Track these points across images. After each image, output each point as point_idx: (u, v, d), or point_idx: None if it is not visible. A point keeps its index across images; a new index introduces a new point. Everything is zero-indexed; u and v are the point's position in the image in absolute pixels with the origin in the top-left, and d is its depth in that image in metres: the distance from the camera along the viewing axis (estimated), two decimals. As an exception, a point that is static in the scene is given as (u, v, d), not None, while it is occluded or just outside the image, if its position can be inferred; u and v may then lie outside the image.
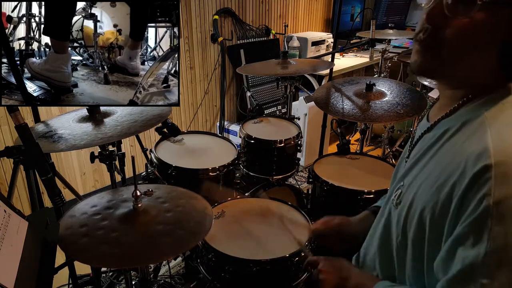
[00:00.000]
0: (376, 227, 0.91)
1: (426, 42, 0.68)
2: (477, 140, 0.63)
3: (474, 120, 0.66)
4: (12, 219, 0.78)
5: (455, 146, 0.67)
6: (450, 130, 0.70)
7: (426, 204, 0.68)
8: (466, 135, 0.66)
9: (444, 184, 0.64)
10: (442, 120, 0.74)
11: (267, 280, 1.14)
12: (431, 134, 0.76)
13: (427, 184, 0.69)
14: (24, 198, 2.30)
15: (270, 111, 3.46)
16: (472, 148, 0.62)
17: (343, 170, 1.71)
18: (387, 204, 0.86)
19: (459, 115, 0.71)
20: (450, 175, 0.64)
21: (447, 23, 0.65)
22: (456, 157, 0.64)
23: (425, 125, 0.80)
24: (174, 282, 1.98)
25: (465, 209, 0.59)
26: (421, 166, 0.75)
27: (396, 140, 3.32)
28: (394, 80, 1.93)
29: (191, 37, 2.98)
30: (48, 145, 1.18)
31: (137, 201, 1.00)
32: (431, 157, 0.72)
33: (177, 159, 1.61)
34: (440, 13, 0.65)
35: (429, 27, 0.67)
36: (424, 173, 0.72)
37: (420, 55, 0.70)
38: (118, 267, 1.51)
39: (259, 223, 1.31)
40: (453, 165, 0.64)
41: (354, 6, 4.38)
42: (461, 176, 0.61)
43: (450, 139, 0.69)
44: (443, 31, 0.66)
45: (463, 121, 0.68)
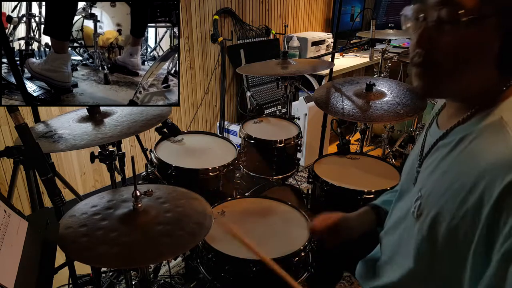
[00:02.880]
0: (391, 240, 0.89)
1: (422, 66, 0.69)
2: (501, 146, 0.61)
3: (492, 125, 0.65)
4: (12, 219, 0.78)
5: (476, 153, 0.65)
6: (468, 137, 0.68)
7: (450, 213, 0.65)
8: (487, 142, 0.64)
9: (470, 194, 0.62)
10: (456, 127, 0.72)
11: (267, 280, 1.14)
12: (446, 142, 0.74)
13: (450, 194, 0.67)
14: (24, 198, 2.30)
15: (270, 111, 3.46)
16: (497, 154, 0.60)
17: (343, 170, 1.71)
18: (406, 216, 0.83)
19: (474, 122, 0.69)
20: (476, 183, 0.61)
21: (437, 44, 0.66)
22: (479, 165, 0.62)
23: (437, 132, 0.78)
24: (174, 282, 1.98)
25: (503, 221, 0.57)
26: (439, 174, 0.72)
27: (396, 140, 3.32)
28: (394, 80, 1.94)
29: (191, 37, 2.98)
30: (48, 145, 1.18)
31: (137, 201, 1.00)
32: (450, 165, 0.70)
33: (177, 159, 1.61)
34: (429, 36, 0.66)
35: (421, 51, 0.68)
36: (445, 182, 0.69)
37: (420, 79, 0.71)
38: (118, 267, 1.51)
39: (259, 223, 1.31)
40: (478, 173, 0.62)
41: (354, 6, 4.38)
42: (491, 185, 0.59)
43: (469, 146, 0.67)
44: (435, 53, 0.66)
45: (481, 127, 0.66)
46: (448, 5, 0.63)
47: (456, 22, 0.61)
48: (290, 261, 1.13)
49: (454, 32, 0.63)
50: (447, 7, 0.63)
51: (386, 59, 3.12)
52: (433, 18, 0.65)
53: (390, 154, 3.14)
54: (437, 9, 0.64)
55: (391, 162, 2.13)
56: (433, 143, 0.78)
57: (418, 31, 0.68)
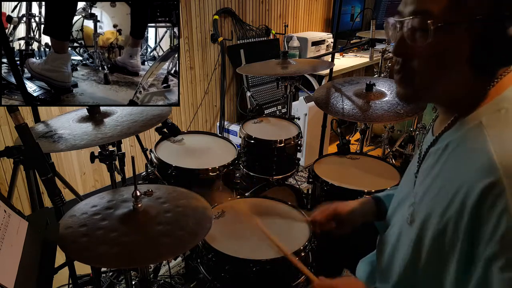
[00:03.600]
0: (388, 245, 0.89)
1: (401, 73, 0.73)
2: (479, 152, 0.62)
3: (473, 131, 0.67)
4: (12, 219, 0.78)
5: (460, 159, 0.67)
6: (452, 143, 0.70)
7: (440, 221, 0.67)
8: (468, 148, 0.66)
9: (453, 200, 0.64)
10: (444, 133, 0.75)
11: (267, 280, 1.14)
12: (435, 148, 0.76)
13: (437, 201, 0.69)
14: (24, 198, 2.30)
15: (270, 111, 3.46)
16: (476, 161, 0.61)
17: (343, 170, 1.71)
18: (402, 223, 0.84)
19: (457, 127, 0.71)
20: (458, 189, 0.63)
21: (413, 52, 0.69)
22: (461, 171, 0.64)
23: (430, 138, 0.80)
24: (174, 282, 1.98)
25: (483, 227, 0.58)
26: (429, 181, 0.74)
27: (396, 140, 3.32)
28: (394, 80, 1.93)
29: (191, 37, 2.98)
30: (48, 145, 1.18)
31: (137, 201, 1.00)
32: (439, 172, 0.72)
33: (177, 159, 1.61)
34: (405, 45, 0.69)
35: (399, 59, 0.72)
36: (433, 188, 0.71)
37: (400, 85, 0.75)
38: (118, 267, 1.51)
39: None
40: (460, 179, 0.63)
41: (354, 6, 4.38)
42: (470, 190, 0.60)
43: (453, 152, 0.69)
44: (411, 60, 0.70)
45: (463, 132, 0.69)
46: (418, 14, 0.66)
47: (427, 30, 0.65)
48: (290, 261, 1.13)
49: (426, 39, 0.66)
50: (418, 17, 0.66)
51: (386, 59, 3.12)
52: (408, 27, 0.69)
53: (390, 154, 3.14)
54: (410, 19, 0.68)
55: (391, 162, 2.13)
56: (426, 150, 0.80)
57: (397, 40, 0.72)
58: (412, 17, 0.67)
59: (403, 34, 0.69)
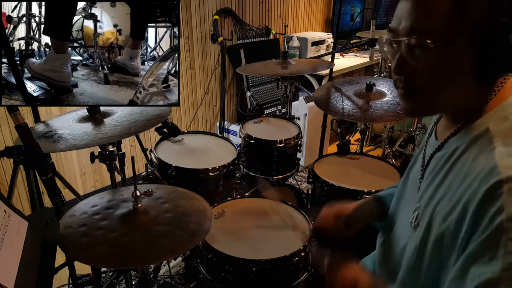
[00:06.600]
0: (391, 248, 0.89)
1: (404, 89, 0.73)
2: (486, 157, 0.63)
3: (481, 136, 0.67)
4: (12, 219, 0.78)
5: (466, 164, 0.67)
6: (459, 149, 0.70)
7: (442, 225, 0.67)
8: (475, 153, 0.66)
9: (457, 204, 0.64)
10: (450, 138, 0.75)
11: (267, 280, 1.14)
12: (442, 153, 0.76)
13: (442, 205, 0.69)
14: (24, 198, 2.30)
15: (270, 111, 3.46)
16: (482, 165, 0.62)
17: (343, 170, 1.71)
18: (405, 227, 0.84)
19: (465, 133, 0.71)
20: (463, 194, 0.63)
21: (414, 69, 0.68)
22: (467, 176, 0.64)
23: (434, 143, 0.80)
24: (174, 282, 1.98)
25: (478, 226, 0.59)
26: (435, 186, 0.74)
27: (396, 140, 3.31)
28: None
29: (191, 37, 2.98)
30: (48, 145, 1.18)
31: (137, 202, 1.00)
32: (444, 177, 0.72)
33: (177, 159, 1.61)
34: (405, 63, 0.69)
35: (401, 77, 0.72)
36: (439, 193, 0.72)
37: (405, 101, 0.75)
38: (118, 267, 1.51)
39: (259, 223, 1.31)
40: (465, 184, 0.64)
41: (354, 6, 4.38)
42: (473, 195, 0.61)
43: (461, 158, 0.69)
44: (414, 77, 0.69)
45: (470, 139, 0.69)
46: (415, 34, 0.65)
47: (426, 48, 0.64)
48: (290, 261, 1.13)
49: (426, 56, 0.65)
50: (415, 37, 0.65)
51: (386, 59, 3.12)
52: (406, 47, 0.68)
53: (390, 154, 3.14)
54: (407, 38, 0.67)
55: (391, 162, 2.13)
56: (431, 155, 0.80)
57: (395, 57, 0.71)
58: (409, 37, 0.66)
59: (402, 52, 0.69)
